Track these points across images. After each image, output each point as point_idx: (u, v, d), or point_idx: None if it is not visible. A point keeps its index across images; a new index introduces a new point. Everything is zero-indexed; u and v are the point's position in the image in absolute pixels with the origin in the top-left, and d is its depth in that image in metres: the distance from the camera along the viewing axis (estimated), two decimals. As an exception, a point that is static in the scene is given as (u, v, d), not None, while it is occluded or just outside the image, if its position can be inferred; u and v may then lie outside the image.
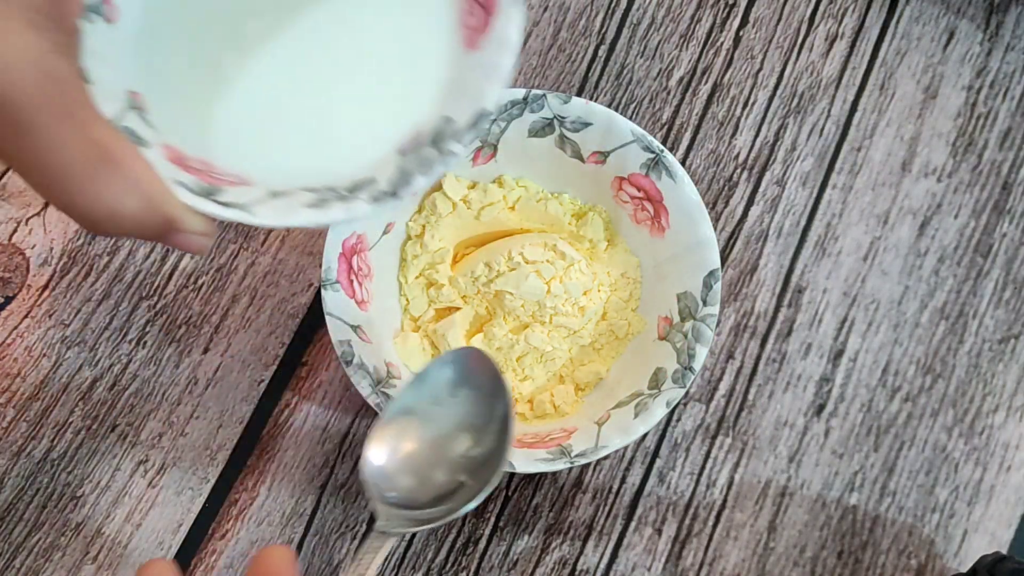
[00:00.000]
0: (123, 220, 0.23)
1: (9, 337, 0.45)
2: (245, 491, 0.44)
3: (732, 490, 0.44)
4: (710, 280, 0.40)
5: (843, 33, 0.49)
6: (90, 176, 0.22)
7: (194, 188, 0.26)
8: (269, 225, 0.27)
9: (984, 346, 0.46)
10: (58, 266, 0.46)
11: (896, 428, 0.45)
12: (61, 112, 0.22)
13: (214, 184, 0.27)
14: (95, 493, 0.43)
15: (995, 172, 0.48)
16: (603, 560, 0.43)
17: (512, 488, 0.44)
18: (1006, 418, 0.46)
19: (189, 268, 0.46)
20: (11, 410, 0.44)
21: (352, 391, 0.45)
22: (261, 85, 0.30)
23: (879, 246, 0.47)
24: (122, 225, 0.23)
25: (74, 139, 0.22)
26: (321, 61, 0.31)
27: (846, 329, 0.46)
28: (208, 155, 0.29)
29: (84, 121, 0.22)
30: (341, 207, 0.28)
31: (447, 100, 0.30)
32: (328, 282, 0.39)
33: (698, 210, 0.41)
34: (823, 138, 0.48)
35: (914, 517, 0.45)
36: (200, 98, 0.30)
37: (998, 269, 0.47)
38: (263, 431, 0.44)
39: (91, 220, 0.23)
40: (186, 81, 0.30)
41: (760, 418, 0.45)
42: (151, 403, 0.44)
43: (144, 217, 0.23)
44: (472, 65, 0.30)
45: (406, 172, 0.28)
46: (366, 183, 0.28)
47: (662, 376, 0.40)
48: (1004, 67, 0.49)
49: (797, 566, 0.44)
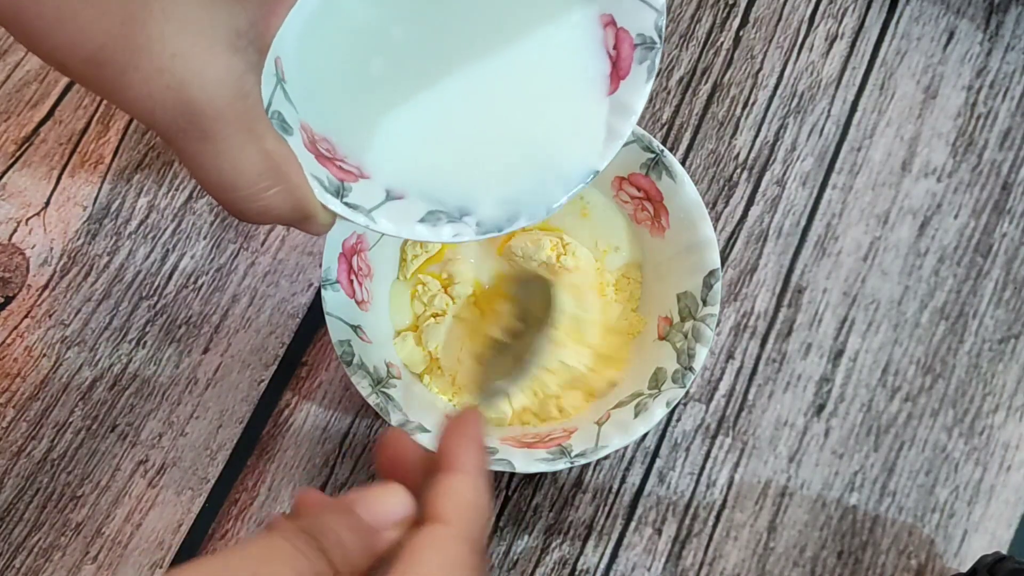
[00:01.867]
0: (271, 215, 0.27)
1: (9, 337, 0.45)
2: (245, 491, 0.44)
3: (732, 490, 0.44)
4: (710, 280, 0.40)
5: (843, 33, 0.49)
6: (255, 181, 0.26)
7: (327, 185, 0.29)
8: (386, 232, 0.30)
9: (984, 346, 0.46)
10: (58, 266, 0.46)
11: (896, 428, 0.45)
12: (244, 125, 0.25)
13: (342, 179, 0.30)
14: (95, 493, 0.43)
15: (995, 172, 0.48)
16: (603, 560, 0.43)
17: (512, 488, 0.44)
18: (1006, 418, 0.46)
19: (189, 268, 0.46)
20: (11, 410, 0.44)
21: (352, 391, 0.45)
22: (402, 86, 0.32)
23: (879, 246, 0.47)
24: (267, 218, 0.27)
25: (249, 149, 0.25)
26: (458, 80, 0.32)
27: (846, 329, 0.46)
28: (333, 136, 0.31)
29: (261, 135, 0.25)
30: (450, 229, 0.30)
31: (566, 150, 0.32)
32: (328, 282, 0.39)
33: (698, 210, 0.41)
34: (823, 138, 0.48)
35: (914, 517, 0.45)
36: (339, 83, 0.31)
37: (998, 269, 0.47)
38: (263, 431, 0.44)
39: (245, 213, 0.26)
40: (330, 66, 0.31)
41: (760, 418, 0.45)
42: (151, 403, 0.44)
43: (289, 214, 0.27)
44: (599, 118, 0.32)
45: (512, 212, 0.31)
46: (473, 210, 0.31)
47: (662, 376, 0.40)
48: (1004, 67, 0.49)
49: (797, 566, 0.44)
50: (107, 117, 0.48)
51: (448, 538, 0.24)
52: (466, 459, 0.27)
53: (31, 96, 0.48)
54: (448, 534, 0.24)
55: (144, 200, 0.47)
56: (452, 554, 0.24)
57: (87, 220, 0.46)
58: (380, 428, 0.44)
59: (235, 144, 0.25)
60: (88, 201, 0.47)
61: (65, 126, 0.48)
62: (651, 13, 0.31)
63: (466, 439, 0.27)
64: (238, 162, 0.25)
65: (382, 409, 0.38)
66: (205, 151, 0.25)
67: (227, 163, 0.25)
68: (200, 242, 0.46)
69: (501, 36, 0.32)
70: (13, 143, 0.47)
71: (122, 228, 0.46)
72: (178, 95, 0.24)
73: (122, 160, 0.47)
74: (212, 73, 0.24)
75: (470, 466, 0.26)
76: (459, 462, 0.26)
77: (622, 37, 0.32)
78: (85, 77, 0.24)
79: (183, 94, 0.24)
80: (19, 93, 0.48)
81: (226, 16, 0.24)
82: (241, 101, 0.25)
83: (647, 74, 0.31)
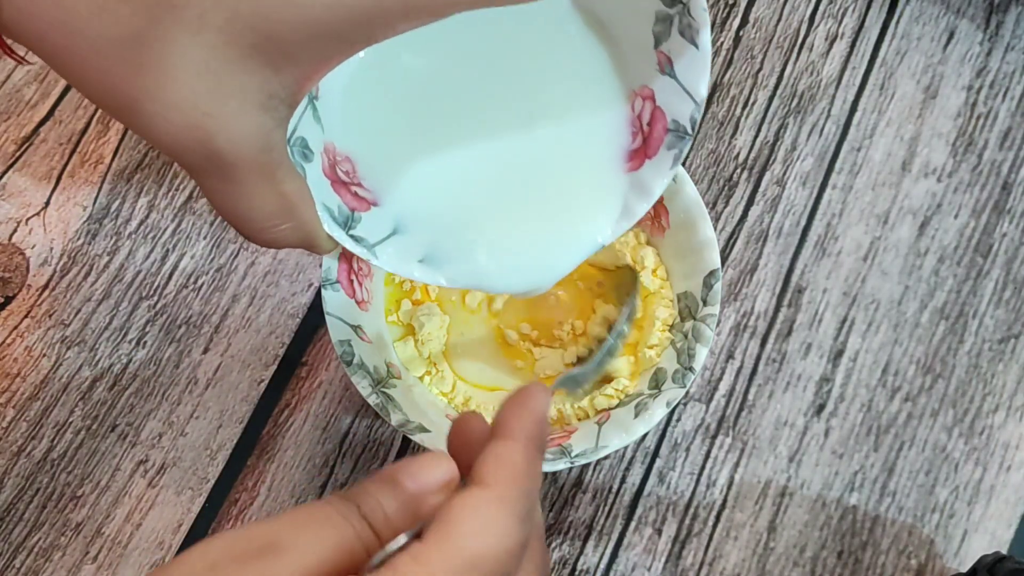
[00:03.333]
0: (281, 244, 0.29)
1: (9, 337, 0.45)
2: (245, 491, 0.44)
3: (732, 490, 0.44)
4: (710, 280, 0.40)
5: (843, 33, 0.49)
6: (269, 219, 0.28)
7: (336, 215, 0.31)
8: (385, 268, 0.32)
9: (984, 346, 0.46)
10: (58, 266, 0.46)
11: (896, 428, 0.45)
12: (266, 174, 0.26)
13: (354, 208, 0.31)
14: (95, 493, 0.43)
15: (995, 172, 0.48)
16: (603, 560, 0.43)
17: (512, 488, 0.44)
18: (1006, 418, 0.46)
19: (189, 268, 0.46)
20: (11, 410, 0.44)
21: (352, 391, 0.45)
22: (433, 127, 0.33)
23: (879, 246, 0.47)
24: (276, 246, 0.29)
25: (268, 192, 0.27)
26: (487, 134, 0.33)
27: (846, 329, 0.46)
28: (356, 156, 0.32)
29: (280, 180, 0.27)
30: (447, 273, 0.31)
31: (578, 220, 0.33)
32: (328, 282, 0.39)
33: (698, 210, 0.41)
34: (823, 138, 0.48)
35: (914, 517, 0.45)
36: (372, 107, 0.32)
37: (998, 269, 0.47)
38: (263, 431, 0.44)
39: (255, 240, 0.28)
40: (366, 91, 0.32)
41: (760, 418, 0.45)
42: (151, 403, 0.44)
43: (297, 243, 0.30)
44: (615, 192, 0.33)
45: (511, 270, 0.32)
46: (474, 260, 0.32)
47: (662, 376, 0.40)
48: (1004, 67, 0.49)
49: (797, 566, 0.44)
50: (107, 117, 0.48)
51: (486, 500, 0.24)
52: (518, 427, 0.26)
53: (31, 96, 0.48)
54: (486, 496, 0.24)
55: (144, 200, 0.47)
56: (490, 516, 0.24)
57: (87, 220, 0.46)
58: (380, 428, 0.44)
59: (254, 188, 0.27)
60: (88, 201, 0.47)
61: (65, 126, 0.48)
62: (690, 104, 0.31)
63: (524, 409, 0.27)
64: (254, 202, 0.27)
65: (382, 409, 0.38)
66: (226, 190, 0.26)
67: (244, 202, 0.27)
68: (200, 242, 0.46)
69: (536, 100, 0.33)
70: (13, 143, 0.47)
71: (122, 228, 0.46)
72: (205, 145, 0.25)
73: (122, 160, 0.47)
74: (241, 129, 0.25)
75: (520, 433, 0.26)
76: (509, 429, 0.26)
77: (658, 116, 0.31)
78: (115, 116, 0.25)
79: (210, 145, 0.25)
80: (19, 93, 0.48)
81: (260, 81, 0.25)
82: (266, 155, 0.26)
83: (672, 162, 0.31)
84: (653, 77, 0.31)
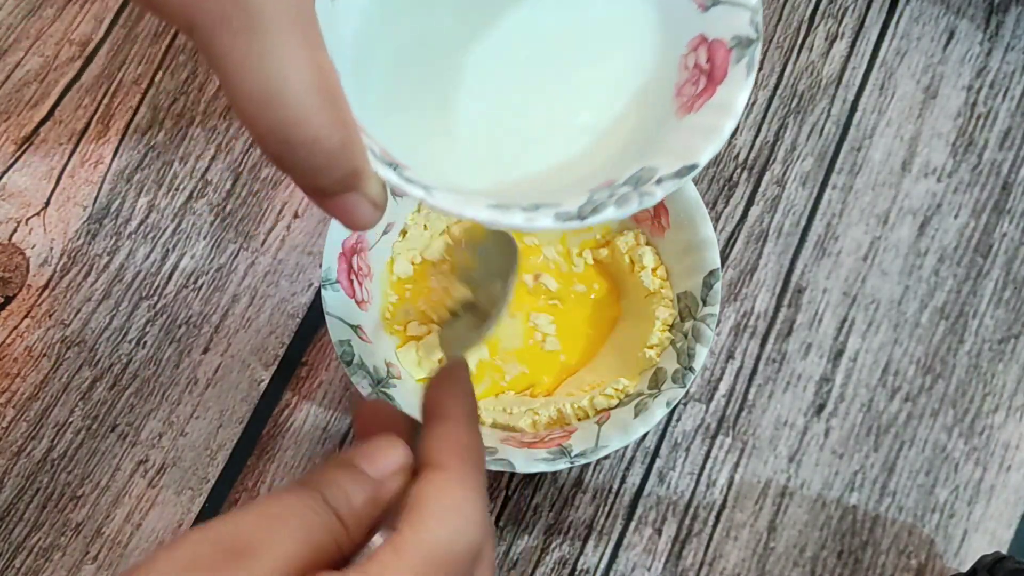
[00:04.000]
0: (317, 153, 0.22)
1: (9, 337, 0.45)
2: (245, 491, 0.44)
3: (732, 490, 0.44)
4: (710, 280, 0.40)
5: (843, 33, 0.49)
6: (304, 97, 0.21)
7: (379, 157, 0.25)
8: (443, 209, 0.25)
9: (984, 346, 0.46)
10: (58, 266, 0.46)
11: (896, 428, 0.45)
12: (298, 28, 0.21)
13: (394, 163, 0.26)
14: (95, 493, 0.43)
15: (995, 172, 0.48)
16: (603, 560, 0.43)
17: (512, 488, 0.44)
18: (1006, 418, 0.46)
19: (189, 268, 0.46)
20: (11, 410, 0.44)
21: (352, 391, 0.45)
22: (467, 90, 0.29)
23: (879, 246, 0.47)
24: (313, 158, 0.22)
25: (300, 57, 0.21)
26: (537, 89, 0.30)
27: (846, 329, 0.46)
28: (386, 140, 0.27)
29: (315, 44, 0.21)
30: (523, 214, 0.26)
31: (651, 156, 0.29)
32: (328, 282, 0.39)
33: (698, 210, 0.41)
34: (823, 138, 0.48)
35: (914, 517, 0.44)
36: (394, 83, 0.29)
37: (998, 269, 0.47)
38: (263, 431, 0.44)
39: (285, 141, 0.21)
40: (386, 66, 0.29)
41: (760, 418, 0.45)
42: (151, 403, 0.44)
43: (335, 159, 0.22)
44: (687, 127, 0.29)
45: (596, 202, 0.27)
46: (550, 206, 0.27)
47: (662, 376, 0.40)
48: (1004, 67, 0.49)
49: (797, 566, 0.44)
50: (107, 117, 0.48)
51: (449, 482, 0.25)
52: (454, 406, 0.27)
53: (31, 96, 0.48)
54: (448, 479, 0.25)
55: (144, 200, 0.47)
56: (456, 497, 0.24)
57: (87, 220, 0.46)
58: (380, 428, 0.44)
59: (286, 45, 0.21)
60: (88, 201, 0.47)
61: (65, 126, 0.48)
62: (744, 12, 0.28)
63: (453, 388, 0.28)
64: (286, 68, 0.21)
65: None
66: (250, 49, 0.20)
67: (274, 67, 0.21)
68: (200, 242, 0.46)
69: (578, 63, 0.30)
70: (13, 143, 0.47)
71: (122, 228, 0.46)
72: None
73: (122, 160, 0.47)
74: None
75: (458, 412, 0.27)
76: (447, 410, 0.27)
77: (715, 47, 0.30)
78: None
79: None
80: (19, 93, 0.48)
81: None
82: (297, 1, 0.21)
83: (747, 71, 0.28)
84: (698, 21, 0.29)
